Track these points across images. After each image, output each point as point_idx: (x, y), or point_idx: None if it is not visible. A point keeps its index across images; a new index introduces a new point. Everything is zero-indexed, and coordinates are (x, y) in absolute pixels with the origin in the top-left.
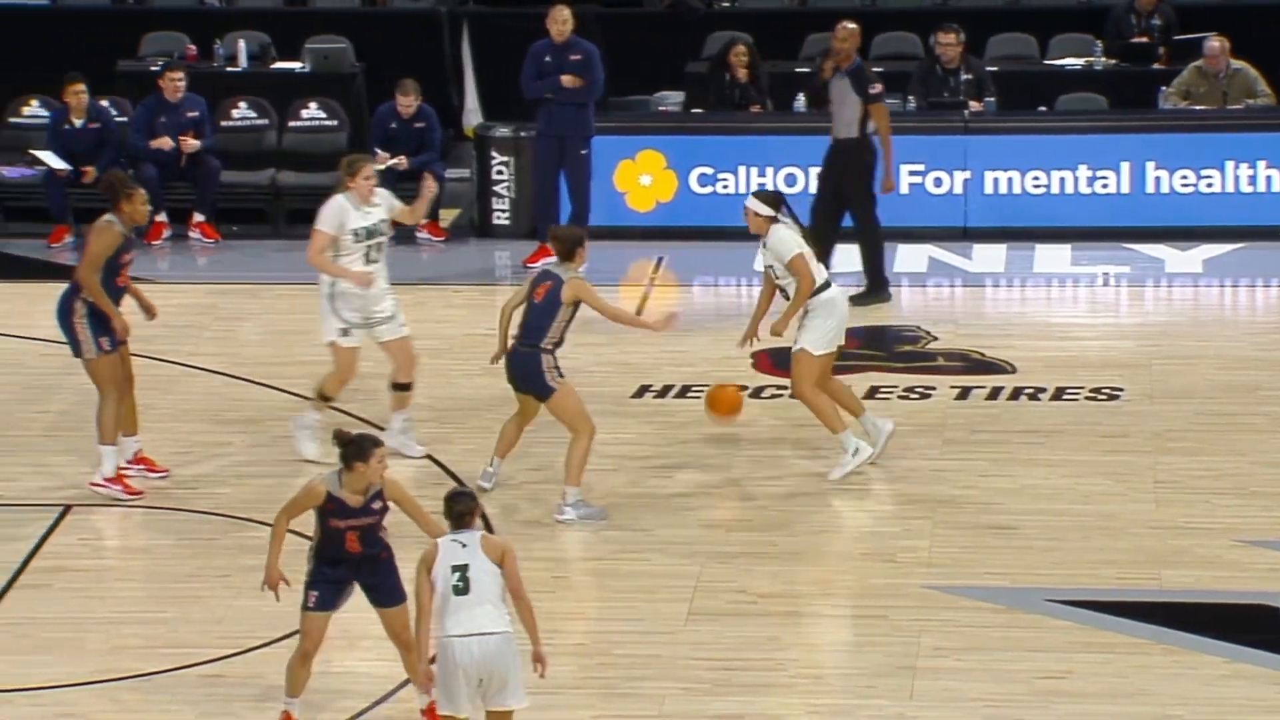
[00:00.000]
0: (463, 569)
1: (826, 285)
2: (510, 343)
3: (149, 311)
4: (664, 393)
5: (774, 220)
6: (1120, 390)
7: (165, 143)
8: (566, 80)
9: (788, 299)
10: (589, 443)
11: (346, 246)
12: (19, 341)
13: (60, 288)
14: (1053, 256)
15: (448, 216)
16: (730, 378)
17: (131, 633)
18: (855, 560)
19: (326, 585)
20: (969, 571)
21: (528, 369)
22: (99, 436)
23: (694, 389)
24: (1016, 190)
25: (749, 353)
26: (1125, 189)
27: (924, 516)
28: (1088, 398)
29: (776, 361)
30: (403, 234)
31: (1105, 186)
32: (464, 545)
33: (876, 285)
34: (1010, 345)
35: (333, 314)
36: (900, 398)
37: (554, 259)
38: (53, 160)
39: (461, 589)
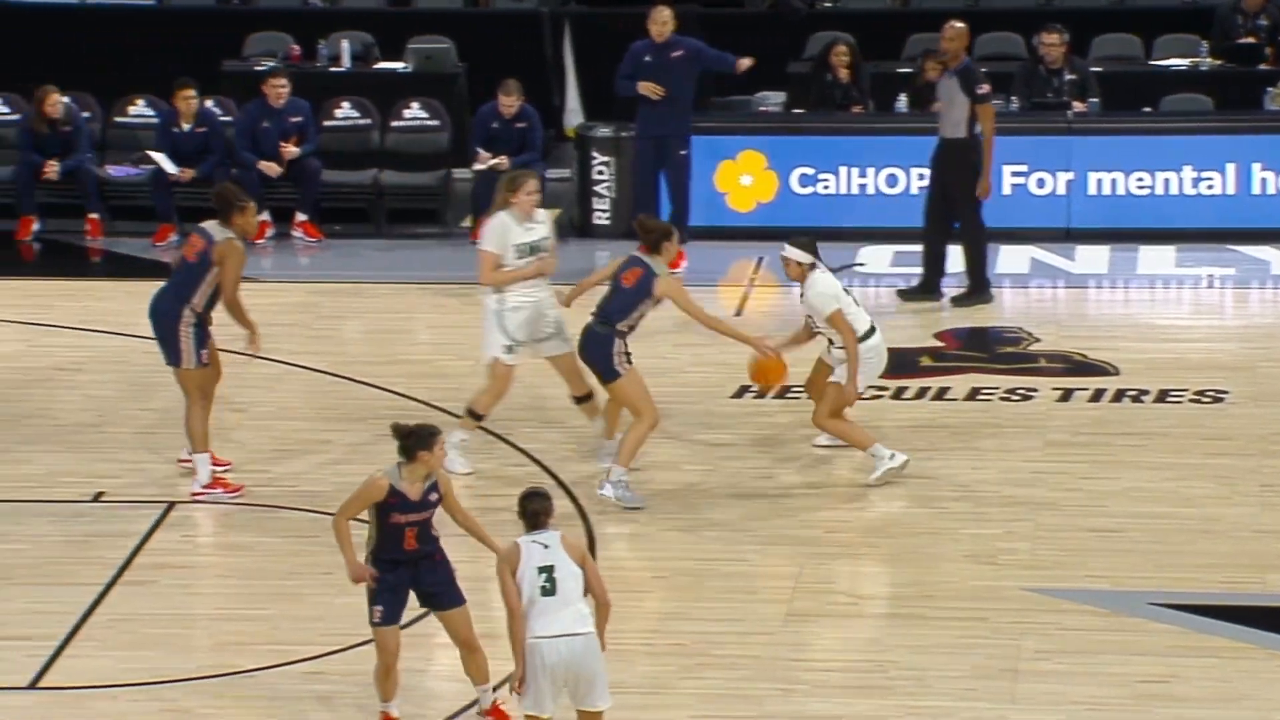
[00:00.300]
0: (549, 570)
1: (871, 331)
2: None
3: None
4: (763, 393)
5: (813, 267)
6: (1225, 393)
7: (272, 169)
8: (643, 89)
9: (830, 341)
10: (648, 430)
11: (508, 262)
12: (124, 339)
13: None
14: (1157, 258)
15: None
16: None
17: (234, 629)
18: (956, 562)
19: (389, 595)
20: (1071, 574)
21: (600, 349)
22: (190, 445)
23: (793, 389)
24: (1120, 191)
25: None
26: (1230, 190)
27: (1025, 519)
28: (1192, 400)
29: None
30: None
31: (1210, 188)
32: (546, 546)
33: (978, 286)
34: (1113, 347)
35: (499, 330)
36: (1002, 399)
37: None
38: (167, 164)
39: (549, 590)
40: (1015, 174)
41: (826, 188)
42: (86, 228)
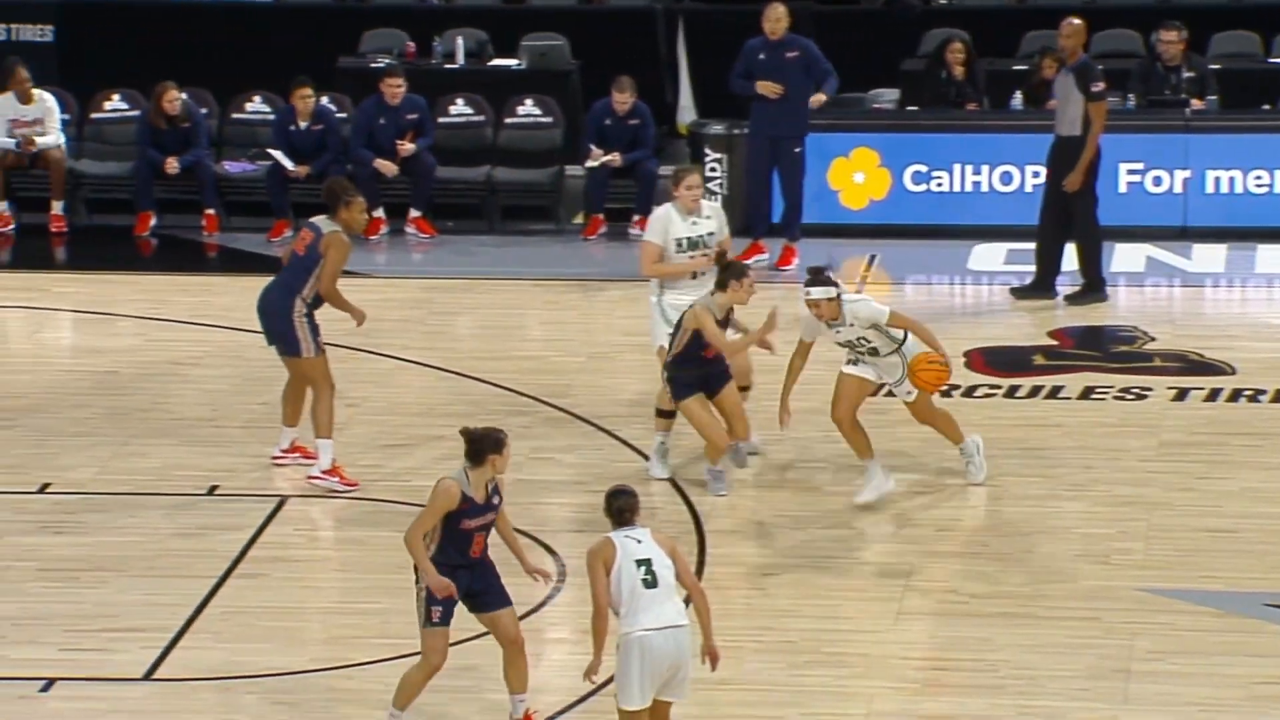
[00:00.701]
0: (647, 563)
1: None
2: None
3: None
4: (875, 391)
5: (839, 296)
6: None
7: (389, 168)
8: (762, 88)
9: (872, 354)
10: (717, 455)
11: (669, 255)
12: (239, 334)
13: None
14: (1275, 257)
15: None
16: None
17: (345, 623)
18: (1068, 561)
19: (448, 598)
20: (1185, 574)
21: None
22: (315, 430)
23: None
24: (1238, 190)
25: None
26: None
27: (1139, 518)
28: None
29: (990, 361)
30: (615, 232)
31: None
32: (639, 541)
33: (1093, 285)
34: (1230, 347)
35: (663, 321)
36: (1116, 398)
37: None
38: (285, 161)
39: (650, 582)
40: (1131, 171)
41: (940, 185)
42: (203, 223)
